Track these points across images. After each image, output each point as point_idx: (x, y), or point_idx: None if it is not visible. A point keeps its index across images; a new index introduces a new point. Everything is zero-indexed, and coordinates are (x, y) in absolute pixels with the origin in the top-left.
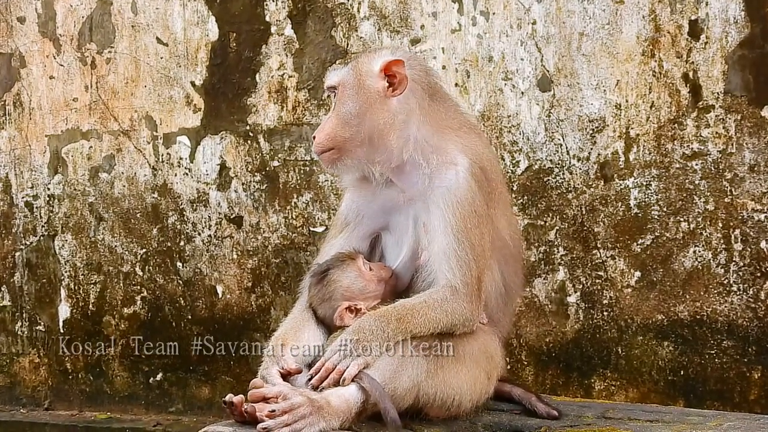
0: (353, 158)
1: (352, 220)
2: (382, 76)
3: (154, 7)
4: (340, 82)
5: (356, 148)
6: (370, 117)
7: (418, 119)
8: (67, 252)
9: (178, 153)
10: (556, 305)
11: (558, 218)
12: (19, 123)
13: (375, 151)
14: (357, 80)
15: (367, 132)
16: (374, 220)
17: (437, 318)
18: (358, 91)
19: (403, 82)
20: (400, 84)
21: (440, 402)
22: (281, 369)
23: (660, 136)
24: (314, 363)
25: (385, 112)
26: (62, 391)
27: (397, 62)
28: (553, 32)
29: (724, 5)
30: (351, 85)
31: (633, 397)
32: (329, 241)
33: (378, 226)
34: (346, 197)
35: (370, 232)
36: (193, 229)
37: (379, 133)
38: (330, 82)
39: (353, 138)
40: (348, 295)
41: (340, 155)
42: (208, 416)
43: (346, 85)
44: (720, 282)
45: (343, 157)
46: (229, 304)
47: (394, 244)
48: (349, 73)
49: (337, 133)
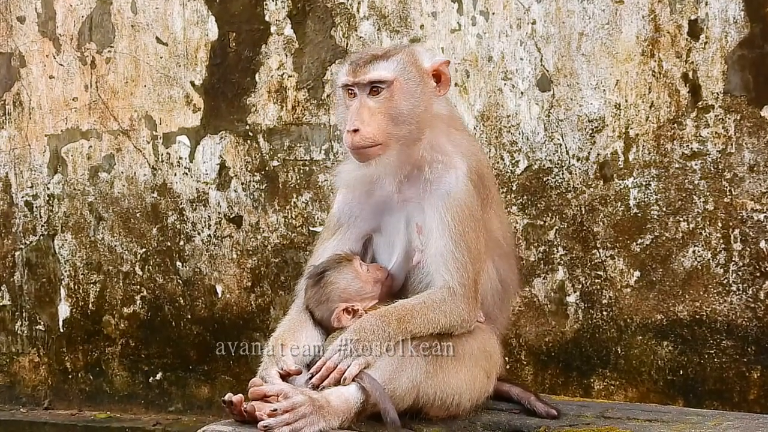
0: (392, 156)
1: (345, 222)
2: (432, 75)
3: (153, 6)
4: (395, 77)
5: (401, 146)
6: (422, 116)
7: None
8: (67, 251)
9: (177, 153)
10: (556, 305)
11: (557, 218)
12: (19, 122)
13: (413, 151)
14: (416, 76)
15: (416, 131)
16: (367, 222)
17: (436, 318)
18: (416, 88)
19: (447, 84)
20: (445, 85)
21: (440, 402)
22: (281, 370)
23: (659, 136)
24: (313, 363)
25: (431, 112)
26: (62, 390)
27: (446, 63)
28: (553, 32)
29: (724, 5)
30: (409, 80)
31: (632, 396)
32: (322, 243)
33: (370, 228)
34: (338, 198)
35: (364, 233)
36: (193, 229)
37: (421, 132)
38: (380, 76)
39: (403, 136)
40: (345, 296)
41: (383, 151)
42: (208, 416)
43: (403, 80)
44: (719, 282)
45: (385, 153)
46: (229, 303)
47: (386, 245)
48: (405, 68)
49: (389, 128)
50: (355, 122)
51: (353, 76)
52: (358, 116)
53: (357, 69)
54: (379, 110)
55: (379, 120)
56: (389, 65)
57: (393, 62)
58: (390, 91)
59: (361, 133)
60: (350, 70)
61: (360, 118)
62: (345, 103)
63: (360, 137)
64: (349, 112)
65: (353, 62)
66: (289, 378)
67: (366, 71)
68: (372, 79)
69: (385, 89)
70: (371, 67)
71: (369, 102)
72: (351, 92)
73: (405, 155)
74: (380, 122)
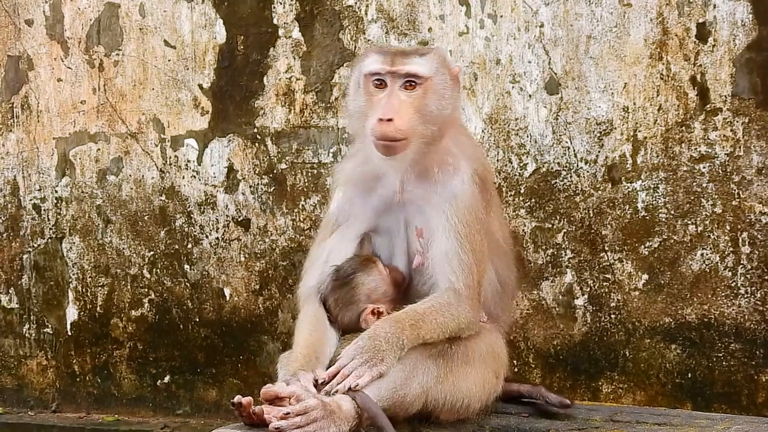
0: (411, 154)
1: (343, 222)
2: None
3: (161, 9)
4: (432, 75)
5: (421, 146)
6: (446, 119)
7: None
8: (75, 254)
9: (185, 155)
10: (564, 308)
11: (565, 221)
12: (27, 125)
13: (429, 152)
14: (448, 79)
15: (438, 134)
16: (365, 221)
17: (446, 323)
18: (447, 90)
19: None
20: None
21: (450, 405)
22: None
23: (667, 139)
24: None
25: (453, 116)
26: (70, 393)
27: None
28: (561, 35)
29: (732, 8)
30: (442, 82)
31: (640, 400)
32: (320, 243)
33: (367, 227)
34: (336, 197)
35: (360, 233)
36: (201, 232)
37: (443, 136)
38: (419, 71)
39: (427, 136)
40: (374, 297)
41: (406, 148)
42: (216, 419)
43: (437, 80)
44: (727, 285)
45: (407, 150)
46: (237, 306)
47: (385, 246)
48: (439, 69)
49: (417, 125)
50: (389, 112)
51: (390, 65)
52: (392, 107)
53: (394, 59)
54: (411, 105)
55: (410, 115)
56: (426, 62)
57: (429, 60)
58: (424, 88)
59: (396, 124)
60: (385, 59)
61: (394, 109)
62: (368, 90)
63: (394, 128)
64: (379, 101)
65: (386, 52)
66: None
67: (404, 63)
68: (410, 72)
69: (420, 85)
70: (410, 60)
71: (401, 95)
72: (380, 82)
73: (420, 156)
74: (411, 117)
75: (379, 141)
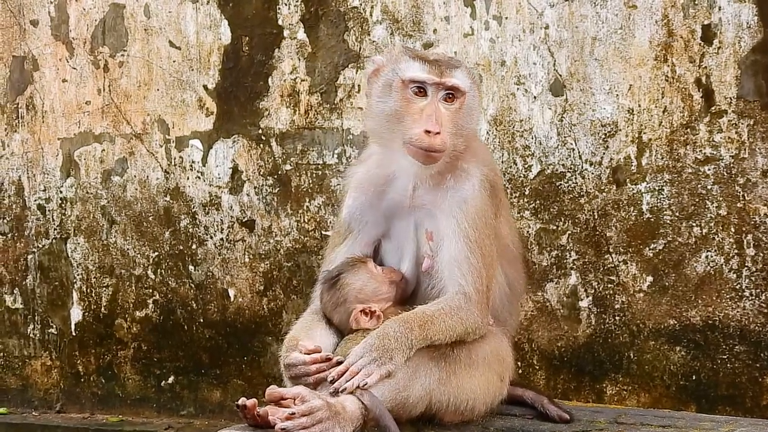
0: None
1: (356, 227)
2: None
3: (166, 10)
4: (469, 91)
5: (451, 156)
6: (473, 132)
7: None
8: (80, 255)
9: (190, 156)
10: (568, 310)
11: (570, 223)
12: (32, 126)
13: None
14: (478, 93)
15: (462, 147)
16: (377, 226)
17: (454, 326)
18: (478, 104)
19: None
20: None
21: (453, 407)
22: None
23: (672, 141)
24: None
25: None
26: (74, 393)
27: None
28: (566, 37)
29: (737, 10)
30: (475, 96)
31: (645, 402)
32: (333, 249)
33: (380, 232)
34: (348, 201)
35: (374, 238)
36: (205, 233)
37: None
38: (461, 85)
39: (456, 149)
40: (362, 297)
41: (441, 159)
42: (220, 419)
43: (472, 94)
44: (732, 287)
45: (441, 161)
46: (241, 307)
47: (394, 250)
48: (473, 83)
49: (453, 138)
50: (435, 125)
51: (438, 75)
52: (436, 119)
53: (442, 70)
54: (449, 118)
55: (449, 128)
56: (465, 76)
57: (467, 73)
58: (461, 101)
59: (442, 138)
60: (431, 69)
61: (438, 121)
62: (405, 96)
63: (440, 141)
64: (418, 110)
65: (427, 60)
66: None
67: (451, 75)
68: (455, 85)
69: (458, 99)
70: (455, 73)
71: (441, 106)
72: (421, 90)
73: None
74: (450, 130)
75: (422, 150)
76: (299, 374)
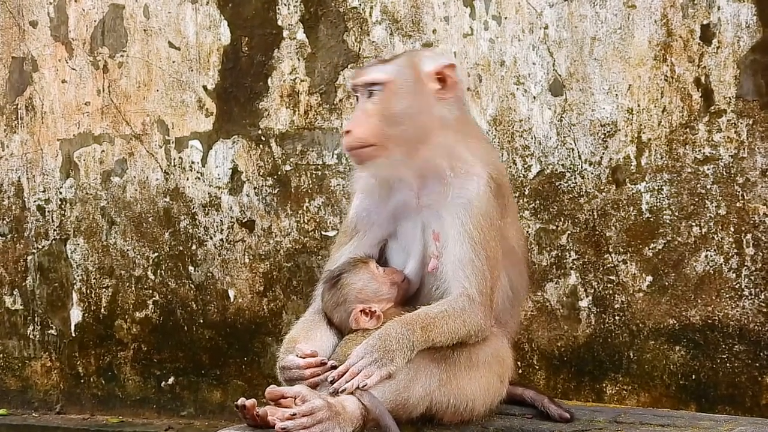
0: (390, 157)
1: (362, 228)
2: (434, 78)
3: (166, 11)
4: (390, 79)
5: (396, 147)
6: (419, 117)
7: (453, 126)
8: (79, 256)
9: (190, 157)
10: (568, 309)
11: (570, 222)
12: (32, 127)
13: (414, 153)
14: (412, 78)
15: (413, 132)
16: (383, 227)
17: (456, 328)
18: (412, 89)
19: (453, 87)
20: (451, 88)
21: (453, 408)
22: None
23: (672, 141)
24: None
25: (431, 114)
26: (74, 394)
27: (451, 66)
28: (565, 37)
29: (736, 10)
30: (404, 82)
31: (644, 401)
32: (339, 248)
33: (387, 233)
34: (355, 202)
35: (380, 239)
36: (205, 233)
37: (424, 135)
38: (375, 78)
39: (398, 136)
40: (362, 297)
41: (378, 153)
42: (220, 420)
43: (398, 82)
44: (732, 286)
45: (381, 155)
46: (241, 308)
47: (400, 250)
48: (401, 70)
49: (382, 129)
50: (350, 124)
51: (353, 78)
52: (354, 118)
53: (358, 72)
54: (374, 112)
55: (372, 121)
56: (385, 68)
57: (390, 65)
58: (384, 92)
59: (353, 134)
60: (353, 75)
61: (355, 120)
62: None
63: (352, 138)
64: None
65: (362, 67)
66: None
67: (363, 74)
68: (367, 81)
69: (380, 91)
70: (369, 70)
71: (366, 104)
72: (356, 96)
73: (410, 158)
74: (374, 123)
75: (346, 153)
76: (293, 378)
